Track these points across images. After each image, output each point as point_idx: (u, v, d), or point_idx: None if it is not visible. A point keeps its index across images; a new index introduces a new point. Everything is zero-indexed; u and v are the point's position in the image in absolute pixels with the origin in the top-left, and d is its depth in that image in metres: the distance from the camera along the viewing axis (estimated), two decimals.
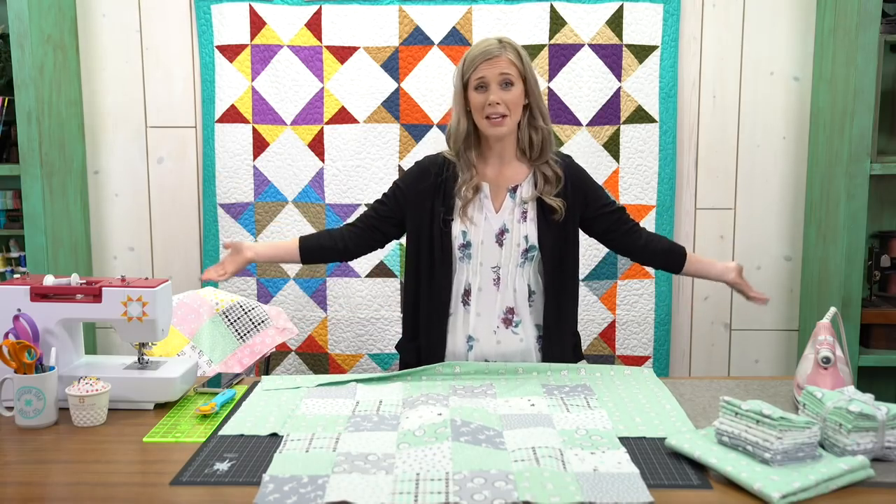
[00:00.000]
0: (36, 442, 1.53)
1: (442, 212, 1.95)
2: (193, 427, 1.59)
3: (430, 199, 1.97)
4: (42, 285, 1.71)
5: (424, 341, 2.01)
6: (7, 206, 2.89)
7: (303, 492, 1.28)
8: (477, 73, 1.89)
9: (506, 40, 1.93)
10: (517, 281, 1.97)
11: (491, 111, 1.89)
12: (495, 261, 1.96)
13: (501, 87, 1.89)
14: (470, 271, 1.96)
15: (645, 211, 2.98)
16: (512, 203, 1.96)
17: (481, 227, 1.95)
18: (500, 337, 1.97)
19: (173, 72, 3.03)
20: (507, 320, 1.97)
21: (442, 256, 1.95)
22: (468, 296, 1.97)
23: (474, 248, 1.95)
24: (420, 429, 1.52)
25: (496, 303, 1.97)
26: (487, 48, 1.90)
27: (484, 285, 1.96)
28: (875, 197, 2.80)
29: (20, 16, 2.66)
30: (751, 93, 2.99)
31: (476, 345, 1.97)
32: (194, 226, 3.10)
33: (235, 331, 2.56)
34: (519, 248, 1.95)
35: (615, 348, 3.03)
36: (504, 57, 1.89)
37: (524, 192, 1.97)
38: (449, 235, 1.95)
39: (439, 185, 1.97)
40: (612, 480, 1.31)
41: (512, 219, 1.95)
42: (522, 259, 1.96)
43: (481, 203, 1.96)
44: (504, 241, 1.95)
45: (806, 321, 2.97)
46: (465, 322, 1.98)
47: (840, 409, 1.39)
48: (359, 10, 2.93)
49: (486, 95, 1.89)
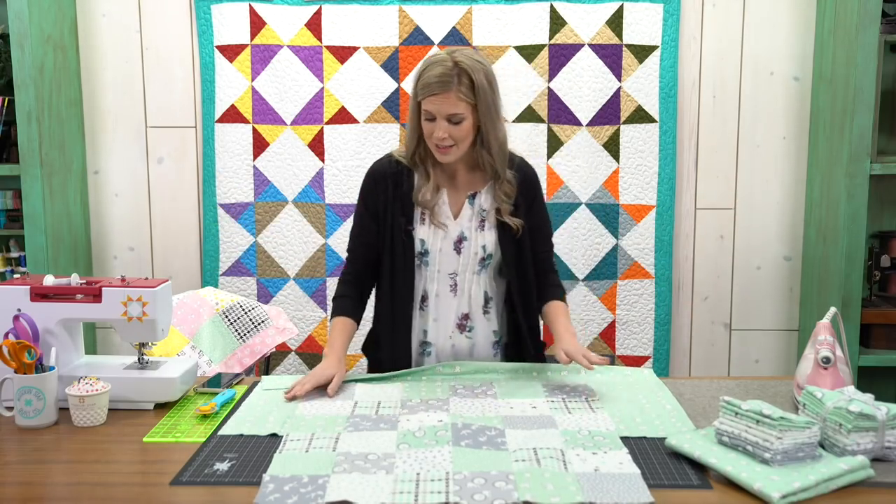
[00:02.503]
0: (36, 442, 1.53)
1: (403, 221, 1.91)
2: (193, 427, 1.59)
3: (390, 207, 1.92)
4: (42, 285, 1.71)
5: (387, 348, 1.98)
6: (7, 206, 2.89)
7: (303, 491, 1.28)
8: (426, 104, 1.81)
9: (463, 64, 1.78)
10: (473, 288, 1.95)
11: (438, 143, 1.83)
12: (452, 268, 1.93)
13: (450, 123, 1.80)
14: (427, 278, 1.94)
15: (645, 211, 2.98)
16: (471, 210, 1.93)
17: (439, 234, 1.91)
18: (454, 341, 1.97)
19: (173, 72, 3.03)
20: (462, 325, 1.96)
21: (404, 264, 1.92)
22: (424, 302, 1.96)
23: (432, 256, 1.92)
24: (420, 430, 1.52)
25: (452, 309, 1.95)
26: (440, 78, 1.77)
27: (441, 292, 1.95)
28: (875, 197, 2.80)
29: (20, 16, 2.66)
30: (751, 93, 2.99)
31: (433, 350, 1.97)
32: (194, 226, 3.10)
33: (235, 331, 2.56)
34: (476, 255, 1.92)
35: (615, 348, 3.03)
36: (454, 92, 1.77)
37: (483, 201, 1.93)
38: (411, 243, 1.91)
39: (397, 194, 1.92)
40: (612, 481, 1.31)
41: (471, 227, 1.92)
42: (479, 266, 1.94)
43: (440, 209, 1.92)
44: (462, 248, 1.92)
45: (806, 321, 2.97)
46: (420, 328, 1.97)
47: (840, 409, 1.39)
48: (359, 10, 2.93)
49: (433, 126, 1.82)
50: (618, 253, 3.00)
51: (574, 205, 2.97)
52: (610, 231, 2.99)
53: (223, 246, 3.04)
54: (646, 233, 2.99)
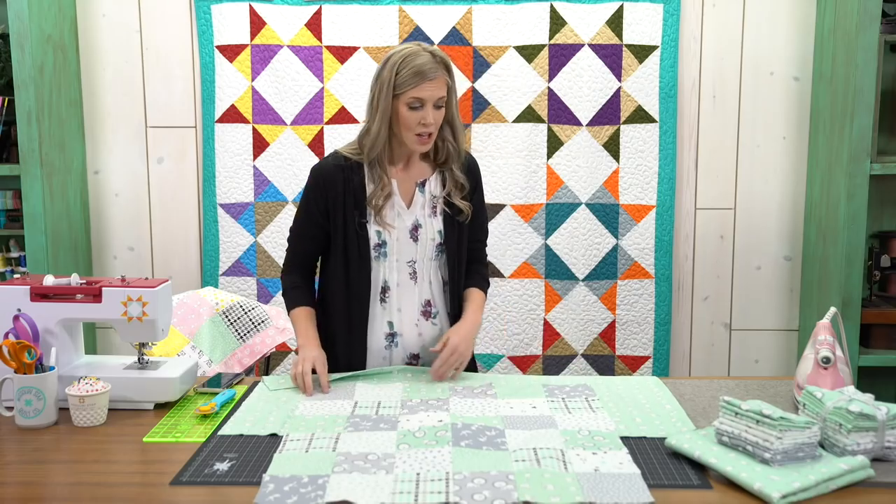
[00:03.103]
0: (36, 442, 1.53)
1: (356, 215, 1.92)
2: (193, 427, 1.59)
3: (341, 204, 1.93)
4: (42, 285, 1.71)
5: (342, 343, 1.98)
6: (7, 206, 2.89)
7: (303, 491, 1.28)
8: (415, 91, 1.83)
9: (438, 54, 1.85)
10: (432, 273, 1.99)
11: (423, 130, 1.86)
12: (410, 255, 1.96)
13: (435, 108, 1.85)
14: (386, 268, 1.96)
15: (645, 211, 2.98)
16: (422, 198, 1.96)
17: (395, 223, 1.94)
18: (420, 329, 1.98)
19: (173, 72, 3.03)
20: (426, 312, 1.99)
21: (359, 257, 1.93)
22: (385, 293, 1.97)
23: (389, 246, 1.95)
24: (420, 430, 1.52)
25: (415, 296, 1.98)
26: (426, 68, 1.81)
27: (402, 280, 1.97)
28: (875, 197, 2.80)
29: (20, 16, 2.66)
30: (751, 93, 2.99)
31: (400, 340, 1.98)
32: (194, 226, 3.10)
33: (235, 331, 2.56)
34: (433, 241, 1.96)
35: (615, 348, 3.03)
36: (441, 77, 1.83)
37: (433, 188, 1.97)
38: (366, 238, 1.93)
39: (349, 189, 1.93)
40: (612, 481, 1.31)
41: (423, 213, 1.96)
42: (436, 252, 1.97)
43: (392, 201, 1.94)
44: (418, 236, 1.96)
45: (806, 321, 2.97)
46: (382, 319, 1.98)
47: (840, 409, 1.39)
48: (359, 10, 2.93)
49: (420, 114, 1.84)
50: (618, 253, 3.00)
51: (574, 205, 2.97)
52: (610, 231, 2.99)
53: (223, 246, 3.04)
54: (646, 233, 2.99)
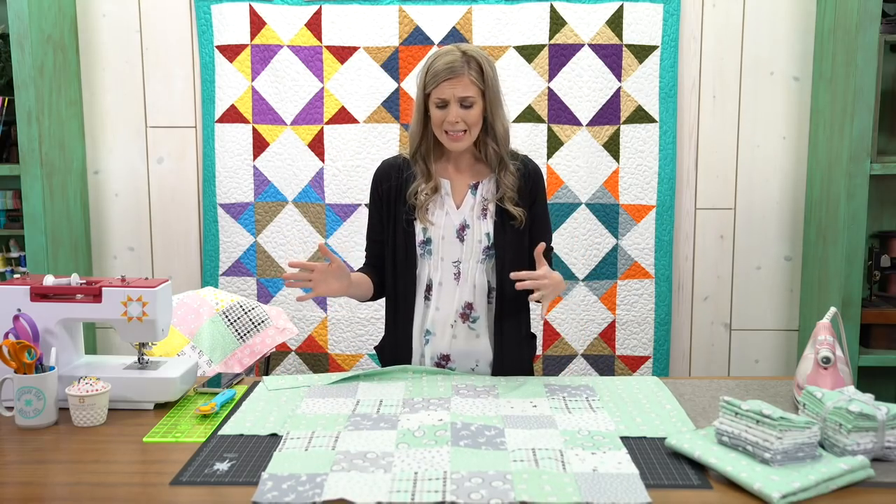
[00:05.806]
0: (36, 442, 1.53)
1: (404, 211, 1.96)
2: (193, 427, 1.59)
3: (393, 200, 1.98)
4: (42, 285, 1.71)
5: (390, 340, 2.02)
6: (7, 206, 2.89)
7: (301, 489, 1.28)
8: (438, 91, 1.86)
9: (471, 52, 1.87)
10: (477, 276, 1.97)
11: (450, 129, 1.88)
12: (456, 255, 1.96)
13: (462, 107, 1.86)
14: (431, 266, 1.97)
15: (645, 211, 2.98)
16: (473, 199, 1.97)
17: (441, 222, 1.95)
18: (456, 331, 1.97)
19: (173, 72, 3.03)
20: (465, 315, 1.98)
21: (406, 253, 1.96)
22: (429, 291, 1.98)
23: (435, 244, 1.96)
24: (420, 430, 1.52)
25: (455, 297, 1.97)
26: (451, 64, 1.84)
27: (445, 280, 1.97)
28: (875, 197, 2.80)
29: (20, 16, 2.66)
30: (751, 93, 2.99)
31: (432, 339, 1.98)
32: (194, 226, 3.10)
33: (235, 331, 2.56)
34: (480, 244, 1.95)
35: (615, 348, 3.03)
36: (466, 76, 1.84)
37: (485, 191, 1.97)
38: (412, 234, 1.96)
39: (400, 186, 1.98)
40: (610, 481, 1.31)
41: (472, 215, 1.96)
42: (483, 255, 1.96)
43: (442, 200, 1.96)
44: (465, 236, 1.96)
45: (806, 321, 2.97)
46: (423, 317, 1.99)
47: (840, 409, 1.39)
48: (359, 10, 2.93)
49: (445, 112, 1.87)
50: (618, 253, 3.00)
51: (574, 205, 2.97)
52: (610, 231, 2.99)
53: (223, 246, 3.04)
54: (646, 233, 2.99)
